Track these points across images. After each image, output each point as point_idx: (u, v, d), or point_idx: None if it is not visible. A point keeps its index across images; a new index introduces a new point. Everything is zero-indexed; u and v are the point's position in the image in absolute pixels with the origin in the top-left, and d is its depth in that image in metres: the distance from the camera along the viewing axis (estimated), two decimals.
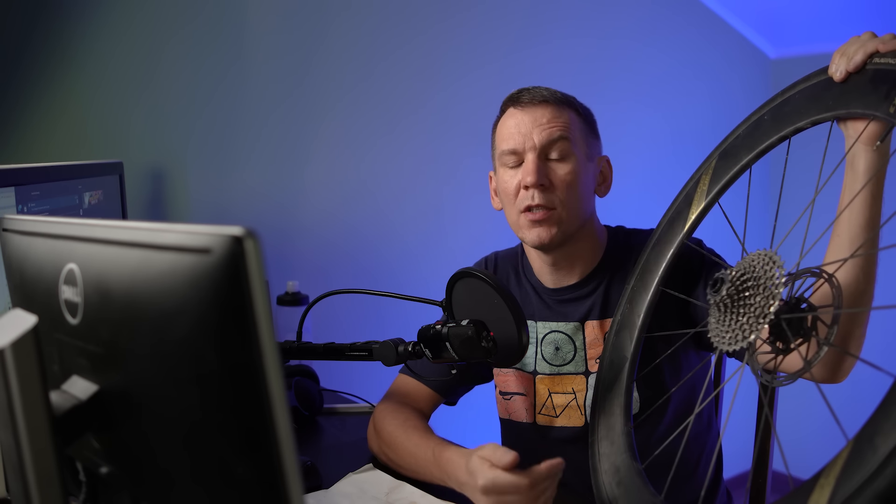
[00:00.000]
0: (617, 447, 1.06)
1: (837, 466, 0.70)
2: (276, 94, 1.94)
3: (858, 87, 0.92)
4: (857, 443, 0.70)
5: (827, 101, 0.96)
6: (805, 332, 0.85)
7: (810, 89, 1.00)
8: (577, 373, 1.25)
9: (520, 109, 1.21)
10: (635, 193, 2.33)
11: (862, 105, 0.91)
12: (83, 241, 0.63)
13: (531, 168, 1.17)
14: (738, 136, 1.10)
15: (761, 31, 2.89)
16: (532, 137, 1.18)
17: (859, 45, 0.92)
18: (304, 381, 1.52)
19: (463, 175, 2.21)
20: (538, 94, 1.21)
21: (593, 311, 1.24)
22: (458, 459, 1.06)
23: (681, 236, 1.13)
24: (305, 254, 2.03)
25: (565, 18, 2.41)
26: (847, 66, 0.92)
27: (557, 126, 1.19)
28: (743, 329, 0.86)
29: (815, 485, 0.72)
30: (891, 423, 0.67)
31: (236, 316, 0.49)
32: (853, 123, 0.95)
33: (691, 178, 1.16)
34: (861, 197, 0.94)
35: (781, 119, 1.02)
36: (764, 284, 0.86)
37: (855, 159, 0.95)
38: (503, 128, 1.23)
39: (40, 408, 0.57)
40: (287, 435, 0.48)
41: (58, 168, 1.34)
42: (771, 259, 0.87)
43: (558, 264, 1.25)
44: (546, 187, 1.17)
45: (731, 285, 0.88)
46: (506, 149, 1.21)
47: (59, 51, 1.67)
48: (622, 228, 1.32)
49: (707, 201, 1.11)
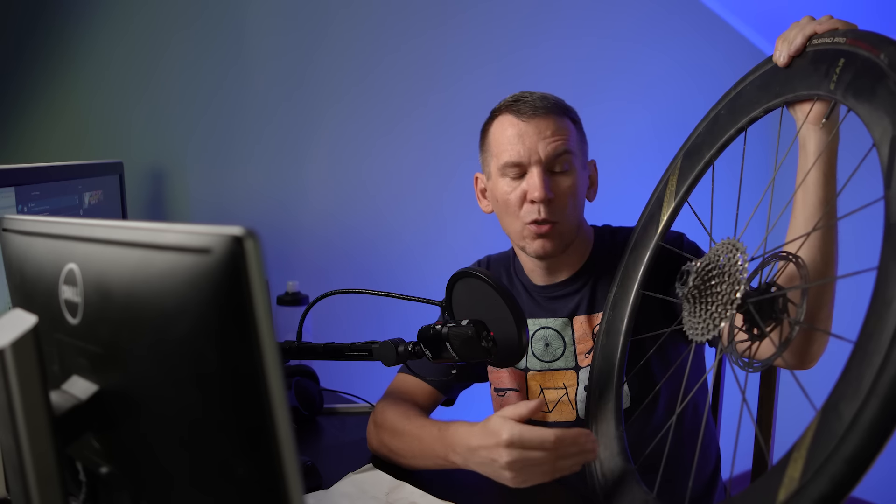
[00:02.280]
0: (610, 451, 1.08)
1: (808, 438, 0.71)
2: (276, 94, 1.94)
3: (801, 70, 0.94)
4: (823, 413, 0.71)
5: (775, 88, 0.98)
6: (777, 315, 0.86)
7: (759, 78, 1.02)
8: (568, 368, 1.26)
9: (522, 120, 1.19)
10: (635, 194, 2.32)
11: (806, 86, 0.93)
12: (83, 241, 0.63)
13: (538, 183, 1.17)
14: (698, 133, 1.12)
15: (761, 31, 2.89)
16: (537, 151, 1.18)
17: (798, 30, 0.95)
18: (304, 381, 1.52)
19: (463, 175, 2.20)
20: (538, 103, 1.20)
21: (581, 306, 1.26)
22: (466, 429, 1.07)
23: (655, 239, 1.16)
24: (305, 254, 2.03)
25: (565, 18, 2.41)
26: (789, 50, 0.95)
27: (562, 139, 1.19)
28: (713, 318, 0.87)
29: (789, 459, 0.73)
30: (852, 388, 0.69)
31: (236, 316, 0.49)
32: (800, 106, 0.97)
33: (660, 181, 1.19)
34: (814, 175, 0.96)
35: (736, 111, 1.05)
36: (728, 272, 0.87)
37: (805, 140, 0.97)
38: (501, 136, 1.21)
39: (40, 408, 0.57)
40: (287, 435, 0.48)
41: (58, 168, 1.34)
42: (734, 246, 0.88)
43: (551, 265, 1.27)
44: (550, 200, 1.18)
45: (697, 276, 0.89)
46: (508, 161, 1.19)
47: (59, 51, 1.66)
48: (608, 227, 1.35)
49: (676, 201, 1.13)
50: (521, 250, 1.26)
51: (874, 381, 0.67)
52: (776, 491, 0.72)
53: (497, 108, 1.25)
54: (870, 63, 0.82)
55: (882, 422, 0.66)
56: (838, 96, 0.86)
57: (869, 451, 0.66)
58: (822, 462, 0.68)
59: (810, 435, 0.71)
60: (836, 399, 0.70)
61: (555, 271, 1.28)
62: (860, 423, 0.66)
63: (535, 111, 1.19)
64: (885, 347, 0.67)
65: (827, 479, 0.68)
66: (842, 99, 0.86)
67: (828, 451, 0.68)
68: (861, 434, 0.66)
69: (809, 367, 1.02)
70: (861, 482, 0.67)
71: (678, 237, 1.26)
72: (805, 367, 1.02)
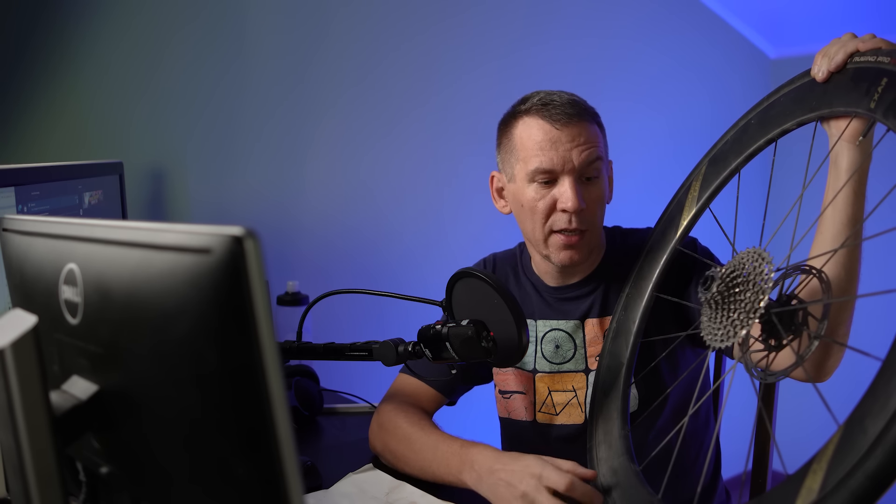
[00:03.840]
0: (615, 451, 1.07)
1: (829, 451, 0.71)
2: (276, 94, 1.94)
3: (840, 86, 0.94)
4: (847, 427, 0.71)
5: (811, 102, 0.97)
6: (796, 328, 0.86)
7: (795, 91, 1.01)
8: (578, 370, 1.25)
9: (556, 127, 1.15)
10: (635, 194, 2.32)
11: (844, 103, 0.92)
12: (83, 241, 0.63)
13: (571, 194, 1.14)
14: (726, 141, 1.12)
15: (761, 31, 2.89)
16: (571, 159, 1.14)
17: (840, 46, 0.94)
18: (304, 381, 1.52)
19: (463, 175, 2.21)
20: (570, 109, 1.15)
21: (593, 309, 1.25)
22: (493, 452, 1.07)
23: (673, 242, 1.15)
24: (305, 254, 2.03)
25: (565, 18, 2.41)
26: (829, 66, 0.94)
27: (594, 146, 1.16)
28: (734, 325, 0.87)
29: (808, 470, 0.73)
30: (879, 405, 0.68)
31: (236, 316, 0.49)
32: (836, 122, 0.96)
33: (682, 185, 1.18)
34: (844, 193, 0.95)
35: (768, 122, 1.04)
36: (753, 280, 0.87)
37: (838, 157, 0.96)
38: (529, 140, 1.16)
39: (40, 408, 0.57)
40: (287, 435, 0.48)
41: (58, 168, 1.34)
42: (760, 256, 0.88)
43: (566, 269, 1.24)
44: (582, 210, 1.16)
45: (722, 282, 0.89)
46: (539, 167, 1.15)
47: (59, 51, 1.66)
48: (619, 228, 1.33)
49: (698, 207, 1.13)
50: (545, 258, 1.22)
51: None
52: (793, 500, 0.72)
53: (523, 108, 1.19)
54: None
55: None
56: (878, 115, 0.85)
57: (892, 467, 0.65)
58: (843, 475, 0.68)
59: (832, 448, 0.71)
60: (861, 414, 0.70)
61: (569, 274, 1.26)
62: (886, 440, 0.66)
63: (568, 118, 1.15)
64: None
65: (848, 493, 0.67)
66: (882, 119, 0.85)
67: (850, 466, 0.68)
68: (886, 451, 0.66)
69: (824, 380, 1.02)
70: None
71: (691, 242, 1.24)
72: (820, 381, 1.01)
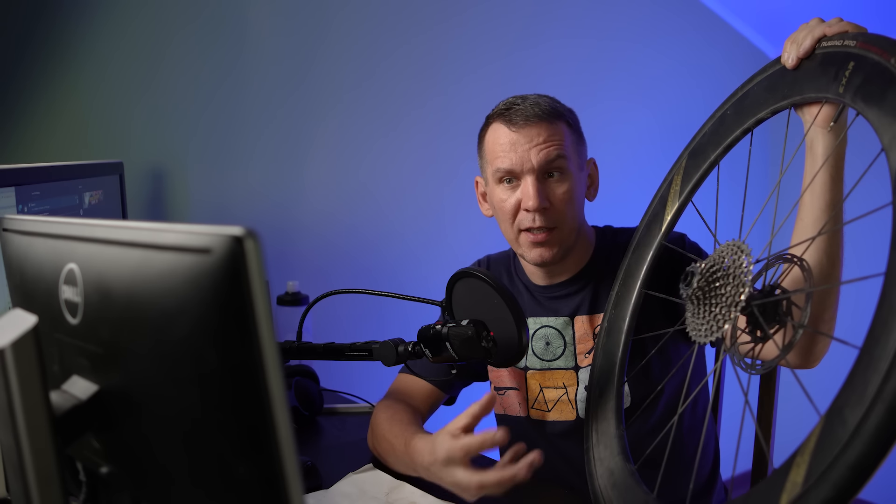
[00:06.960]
0: (611, 451, 1.08)
1: (811, 443, 0.71)
2: (276, 95, 1.94)
3: (810, 72, 0.93)
4: (827, 418, 0.70)
5: (783, 90, 0.97)
6: (780, 318, 0.85)
7: (767, 80, 1.01)
8: (567, 368, 1.26)
9: (513, 129, 1.18)
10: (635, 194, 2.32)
11: (814, 89, 0.92)
12: (83, 241, 0.63)
13: (532, 192, 1.16)
14: (704, 133, 1.12)
15: (761, 31, 2.89)
16: (529, 159, 1.17)
17: (807, 31, 0.94)
18: (304, 381, 1.52)
19: (463, 175, 2.20)
20: (530, 111, 1.18)
21: (582, 306, 1.26)
22: (422, 444, 1.07)
23: (658, 238, 1.15)
24: (305, 254, 2.03)
25: (565, 18, 2.41)
26: (798, 52, 0.94)
27: (554, 145, 1.18)
28: (717, 319, 0.87)
29: (791, 464, 0.73)
30: (857, 394, 0.68)
31: (236, 316, 0.49)
32: (808, 108, 0.96)
33: (664, 180, 1.18)
34: (821, 179, 0.95)
35: (743, 112, 1.04)
36: (733, 273, 0.86)
37: (813, 143, 0.96)
38: (494, 144, 1.21)
39: (40, 408, 0.57)
40: (287, 435, 0.48)
41: (58, 168, 1.34)
42: (739, 248, 0.88)
43: (551, 269, 1.27)
44: (546, 208, 1.18)
45: (702, 277, 0.89)
46: (501, 168, 1.19)
47: (59, 51, 1.66)
48: (609, 228, 1.34)
49: (681, 201, 1.13)
50: (521, 257, 1.26)
51: (879, 387, 0.66)
52: (778, 495, 0.72)
53: (491, 114, 1.24)
54: (880, 67, 0.81)
55: (887, 428, 0.65)
56: (847, 100, 0.85)
57: (873, 457, 0.66)
58: (825, 467, 0.68)
59: (814, 440, 0.71)
60: (840, 405, 0.69)
61: (556, 273, 1.28)
62: (865, 430, 0.66)
63: (525, 119, 1.17)
64: (891, 353, 0.66)
65: (830, 485, 0.67)
66: (851, 102, 0.85)
67: (831, 457, 0.68)
68: (866, 440, 0.66)
69: (813, 366, 1.02)
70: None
71: (680, 237, 1.26)
72: (809, 367, 1.02)
